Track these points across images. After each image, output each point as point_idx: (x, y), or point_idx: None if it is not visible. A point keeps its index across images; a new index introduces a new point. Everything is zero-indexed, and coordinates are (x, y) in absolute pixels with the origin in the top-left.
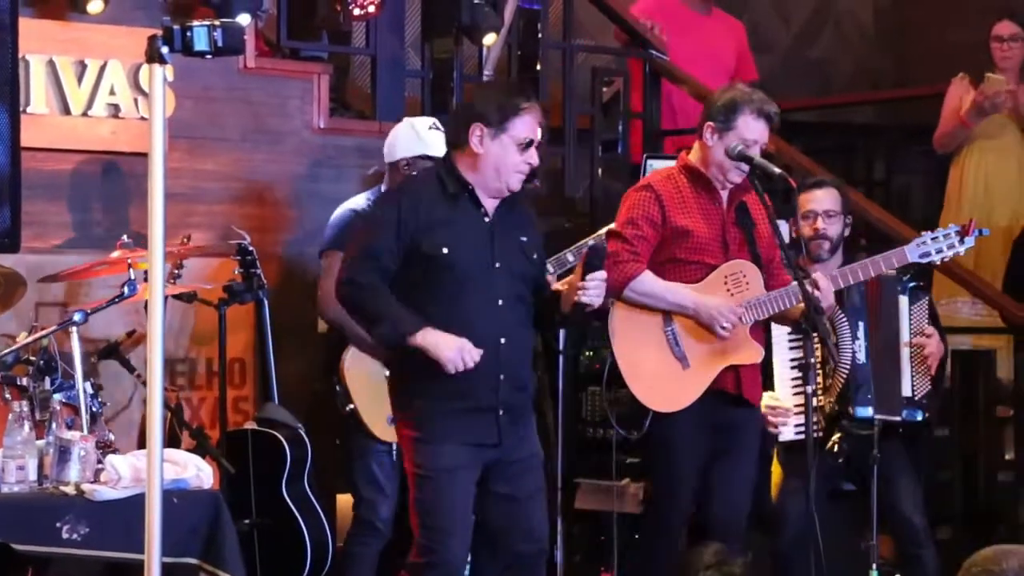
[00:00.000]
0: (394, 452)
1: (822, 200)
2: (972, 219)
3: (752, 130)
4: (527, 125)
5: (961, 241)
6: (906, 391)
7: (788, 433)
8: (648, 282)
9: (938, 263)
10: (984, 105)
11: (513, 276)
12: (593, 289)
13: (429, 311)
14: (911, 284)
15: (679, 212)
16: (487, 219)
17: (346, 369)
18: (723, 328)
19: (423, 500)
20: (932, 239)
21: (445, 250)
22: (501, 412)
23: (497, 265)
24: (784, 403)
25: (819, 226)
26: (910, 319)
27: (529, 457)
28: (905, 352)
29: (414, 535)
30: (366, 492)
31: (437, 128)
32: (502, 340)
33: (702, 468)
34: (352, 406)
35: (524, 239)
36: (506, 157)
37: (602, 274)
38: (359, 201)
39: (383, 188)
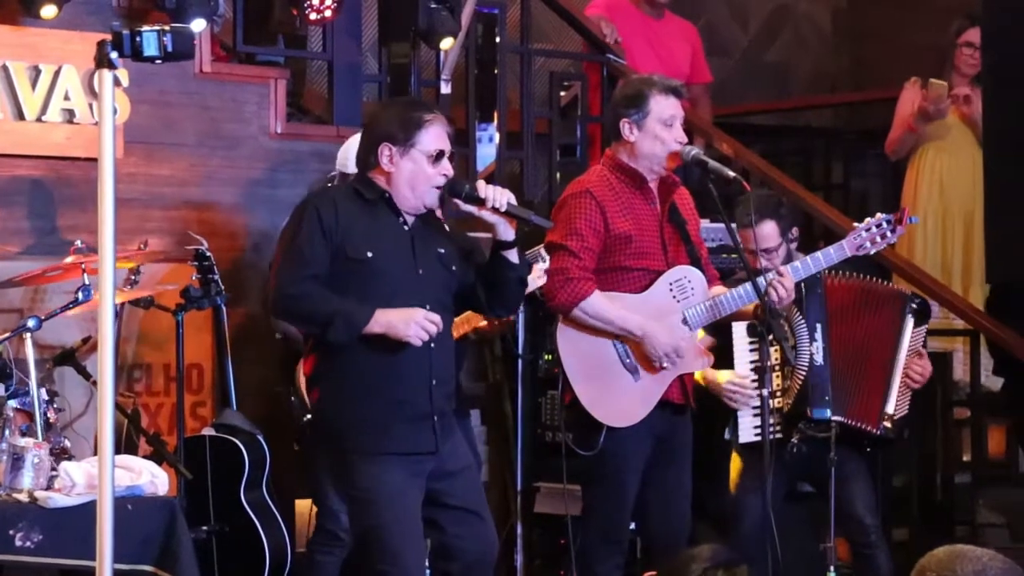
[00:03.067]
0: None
1: (762, 239)
2: (905, 207)
3: (665, 108)
4: (434, 136)
5: (893, 231)
6: (889, 408)
7: (747, 435)
8: (597, 304)
9: (872, 253)
10: (929, 110)
11: (436, 284)
12: (491, 193)
13: None
14: (922, 308)
15: (619, 217)
16: (406, 227)
17: (301, 378)
18: (663, 367)
19: (371, 526)
20: (866, 230)
21: (370, 254)
22: (436, 418)
23: (420, 272)
24: (747, 383)
25: (762, 264)
26: (910, 340)
27: (469, 467)
28: (899, 370)
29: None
30: (329, 502)
31: None
32: (432, 345)
33: (641, 475)
34: (309, 416)
35: (442, 251)
36: (418, 172)
37: (481, 183)
38: None
39: None
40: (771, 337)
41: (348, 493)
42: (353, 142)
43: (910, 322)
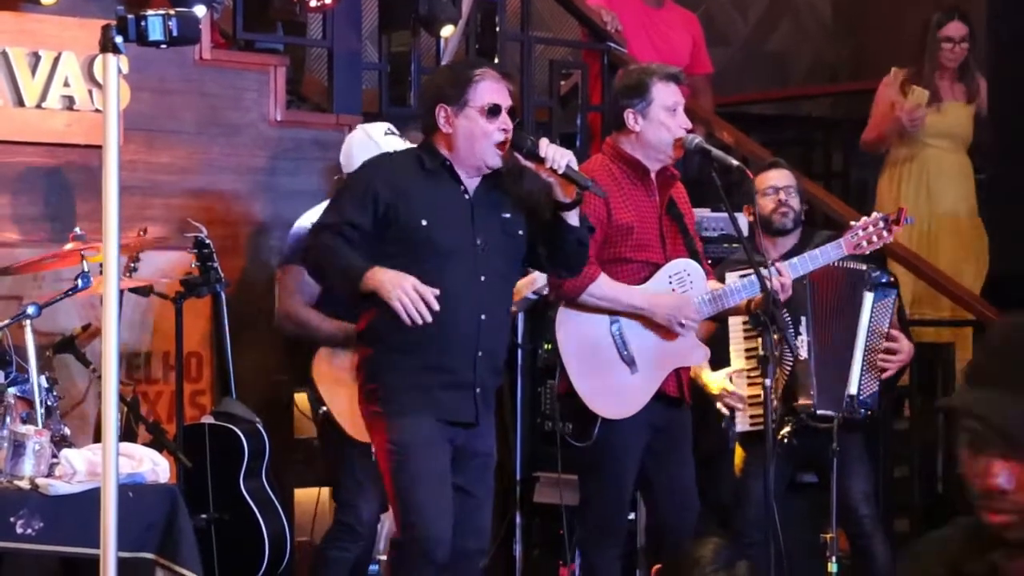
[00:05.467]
0: (373, 453)
1: (779, 177)
2: (902, 208)
3: (668, 95)
4: (486, 90)
5: (889, 230)
6: (852, 389)
7: (743, 424)
8: (604, 285)
9: (868, 252)
10: (905, 123)
11: (495, 253)
12: (551, 153)
13: None
14: (881, 280)
15: (621, 207)
16: (467, 196)
17: (316, 371)
18: (682, 326)
19: (399, 478)
20: (863, 230)
21: (424, 222)
22: (478, 390)
23: (478, 241)
24: (740, 391)
25: (781, 197)
26: (871, 316)
27: (489, 454)
28: (859, 349)
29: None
30: (347, 496)
31: (392, 132)
32: (482, 316)
33: (639, 468)
34: (325, 408)
35: (507, 216)
36: (475, 129)
37: (544, 141)
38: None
39: None
40: (774, 327)
41: (382, 448)
42: (352, 140)
43: (868, 297)
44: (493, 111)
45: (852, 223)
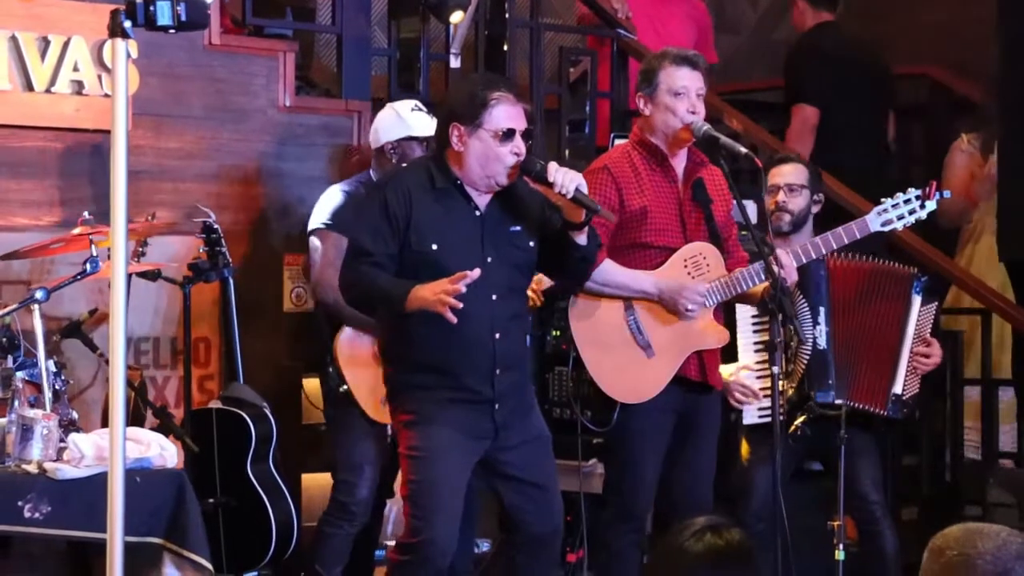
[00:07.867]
0: (388, 434)
1: (786, 174)
2: (933, 181)
3: (676, 78)
4: (502, 115)
5: (923, 205)
6: (897, 388)
7: (752, 416)
8: (610, 271)
9: (900, 229)
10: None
11: (507, 267)
12: (560, 178)
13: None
14: (929, 285)
15: (634, 193)
16: (478, 212)
17: (340, 350)
18: (689, 311)
19: (413, 481)
20: (893, 206)
21: (434, 246)
22: (497, 406)
23: (489, 259)
24: (752, 385)
25: (779, 199)
26: (918, 320)
27: (534, 440)
28: (906, 350)
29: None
30: (344, 474)
31: (419, 109)
32: (497, 335)
33: (664, 453)
34: (346, 387)
35: (516, 228)
36: (487, 151)
37: (552, 165)
38: (347, 185)
39: (372, 173)
40: (781, 315)
41: (403, 453)
42: (380, 116)
43: (917, 300)
44: (507, 135)
45: (883, 199)
